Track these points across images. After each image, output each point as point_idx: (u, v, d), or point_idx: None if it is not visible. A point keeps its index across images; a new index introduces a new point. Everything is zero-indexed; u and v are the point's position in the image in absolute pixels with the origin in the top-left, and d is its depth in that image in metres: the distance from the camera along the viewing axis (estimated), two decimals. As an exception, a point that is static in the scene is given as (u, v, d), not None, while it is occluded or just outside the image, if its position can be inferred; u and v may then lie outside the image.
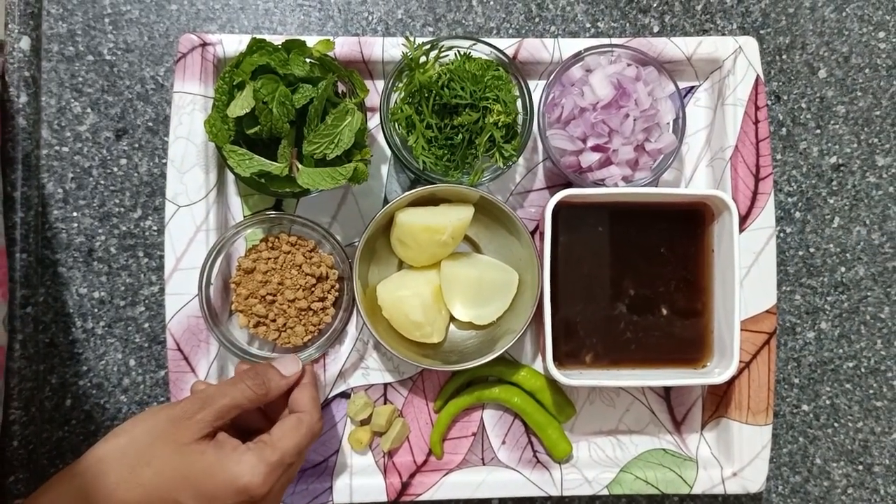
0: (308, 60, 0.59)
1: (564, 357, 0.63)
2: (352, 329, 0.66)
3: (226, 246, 0.62)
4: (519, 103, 0.62)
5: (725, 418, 0.66)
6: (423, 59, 0.60)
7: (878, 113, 0.71)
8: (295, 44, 0.58)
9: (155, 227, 0.67)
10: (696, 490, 0.64)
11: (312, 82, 0.58)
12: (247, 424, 0.56)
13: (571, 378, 0.60)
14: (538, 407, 0.65)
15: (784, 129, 0.71)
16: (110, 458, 0.48)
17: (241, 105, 0.56)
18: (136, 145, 0.67)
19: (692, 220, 0.64)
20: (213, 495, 0.47)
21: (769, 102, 0.70)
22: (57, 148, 0.66)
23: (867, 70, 0.71)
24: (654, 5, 0.70)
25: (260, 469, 0.48)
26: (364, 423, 0.66)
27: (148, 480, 0.47)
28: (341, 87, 0.62)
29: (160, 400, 0.66)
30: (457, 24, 0.69)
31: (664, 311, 0.64)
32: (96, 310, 0.66)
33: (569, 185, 0.64)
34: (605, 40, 0.66)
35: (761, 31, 0.71)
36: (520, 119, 0.62)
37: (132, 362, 0.66)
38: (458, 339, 0.66)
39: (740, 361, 0.62)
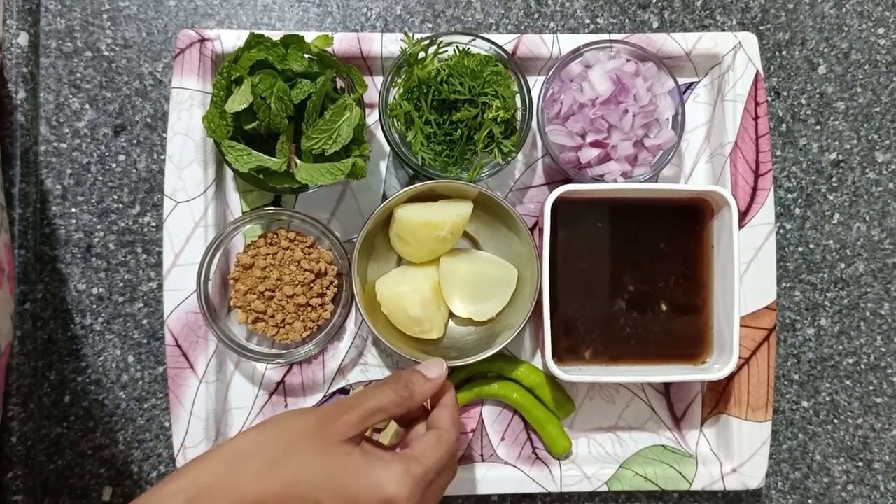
0: (306, 56, 0.59)
1: (564, 353, 0.63)
2: (350, 325, 0.66)
3: (224, 242, 0.62)
4: (518, 99, 0.62)
5: (725, 414, 0.66)
6: (421, 54, 0.60)
7: (877, 109, 0.71)
8: (293, 39, 0.58)
9: (153, 224, 0.66)
10: (696, 486, 0.64)
11: (311, 78, 0.58)
12: None
13: (571, 374, 0.60)
14: (537, 403, 0.65)
15: (784, 126, 0.70)
16: (252, 449, 0.47)
17: (239, 100, 0.56)
18: (135, 141, 0.67)
19: (692, 216, 0.64)
20: (355, 500, 0.46)
21: (769, 98, 0.70)
22: (55, 144, 0.66)
23: (867, 66, 0.71)
24: (654, 1, 0.70)
25: (406, 481, 0.46)
26: (363, 419, 0.66)
27: (290, 475, 0.45)
28: (340, 83, 0.62)
29: (159, 396, 0.66)
30: (456, 20, 0.69)
31: (664, 308, 0.64)
32: (95, 306, 0.66)
33: (568, 180, 0.64)
34: (605, 36, 0.65)
35: (761, 27, 0.71)
36: (519, 115, 0.62)
37: (131, 358, 0.66)
38: (457, 336, 0.66)
39: (740, 358, 0.62)
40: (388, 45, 0.64)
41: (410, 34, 0.60)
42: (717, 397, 0.67)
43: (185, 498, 0.43)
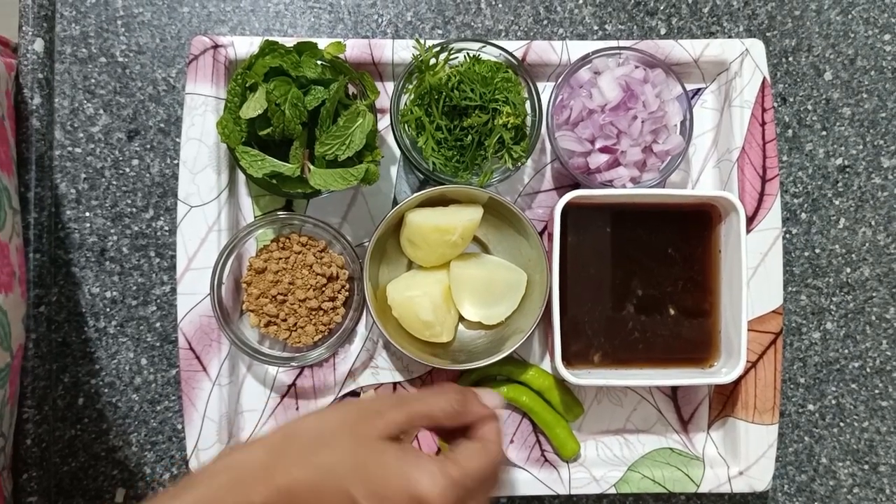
0: (319, 63, 0.59)
1: (573, 357, 0.63)
2: (361, 328, 0.67)
3: (237, 246, 0.63)
4: (528, 105, 0.62)
5: (732, 417, 0.66)
6: (433, 61, 0.61)
7: (883, 115, 0.71)
8: (307, 46, 0.59)
9: (166, 228, 0.67)
10: (703, 489, 0.65)
11: (324, 84, 0.59)
12: None
13: (579, 377, 0.61)
14: (546, 406, 0.66)
15: (790, 131, 0.71)
16: (296, 435, 0.47)
17: (253, 107, 0.57)
18: (148, 146, 0.67)
19: (699, 221, 0.64)
20: (385, 495, 0.44)
21: (775, 104, 0.71)
22: (70, 149, 0.67)
23: (873, 72, 0.72)
24: (662, 8, 0.71)
25: (440, 481, 0.44)
26: (373, 421, 0.66)
27: (323, 463, 0.45)
28: (352, 89, 0.63)
29: (172, 399, 0.67)
30: (466, 27, 0.70)
31: (671, 312, 0.64)
32: (108, 309, 0.66)
33: (577, 186, 0.65)
34: (613, 43, 0.66)
35: (767, 34, 0.71)
36: (528, 121, 0.63)
37: (144, 361, 0.67)
38: (466, 339, 0.66)
39: (747, 361, 0.62)
40: (399, 51, 0.65)
41: (422, 41, 0.61)
42: (724, 400, 0.67)
43: (225, 480, 0.44)
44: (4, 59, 0.64)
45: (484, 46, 0.62)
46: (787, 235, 0.71)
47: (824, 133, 0.71)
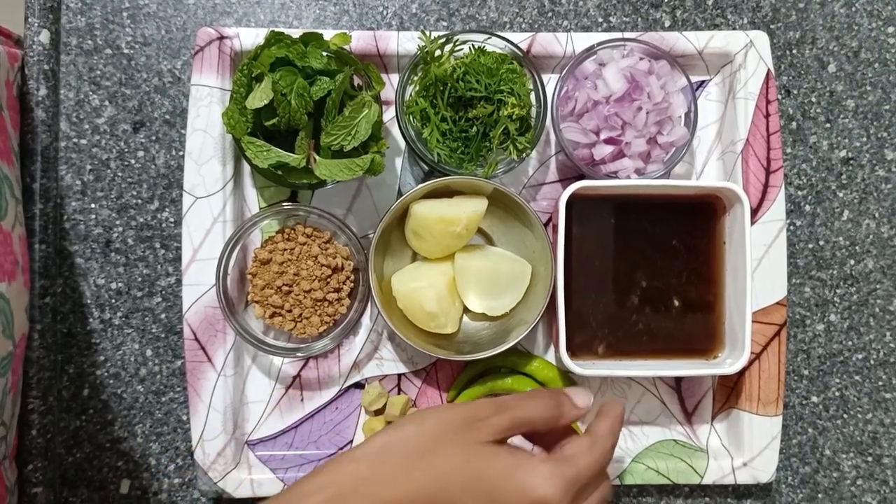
0: (325, 54, 0.59)
1: (577, 348, 0.64)
2: (366, 320, 0.67)
3: (242, 237, 0.63)
4: (533, 97, 0.62)
5: (736, 409, 0.66)
6: (438, 52, 0.61)
7: (887, 107, 0.72)
8: (312, 37, 0.59)
9: (172, 219, 0.67)
10: (707, 480, 0.65)
11: (329, 75, 0.59)
12: None
13: (584, 368, 0.61)
14: (550, 397, 0.66)
15: (794, 123, 0.71)
16: (399, 447, 0.45)
17: (259, 97, 0.57)
18: (154, 138, 0.68)
19: (704, 212, 0.64)
20: (501, 502, 0.43)
21: (779, 97, 0.71)
22: (75, 140, 0.67)
23: (876, 65, 0.72)
24: (666, 0, 0.71)
25: (556, 483, 0.43)
26: (378, 413, 0.66)
27: (436, 475, 0.44)
28: (357, 81, 0.63)
29: (177, 390, 0.67)
30: (470, 19, 0.70)
31: (676, 303, 0.65)
32: (114, 300, 0.67)
33: (581, 177, 0.65)
34: (618, 34, 0.66)
35: (771, 26, 0.71)
36: (533, 112, 0.63)
37: (149, 352, 0.67)
38: (471, 330, 0.66)
39: (750, 353, 0.62)
40: (404, 43, 0.65)
41: (427, 32, 0.61)
42: (728, 392, 0.67)
43: (324, 498, 0.43)
44: (7, 49, 0.64)
45: (489, 38, 0.62)
46: (791, 227, 0.71)
47: (828, 125, 0.71)
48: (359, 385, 0.67)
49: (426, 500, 0.43)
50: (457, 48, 0.62)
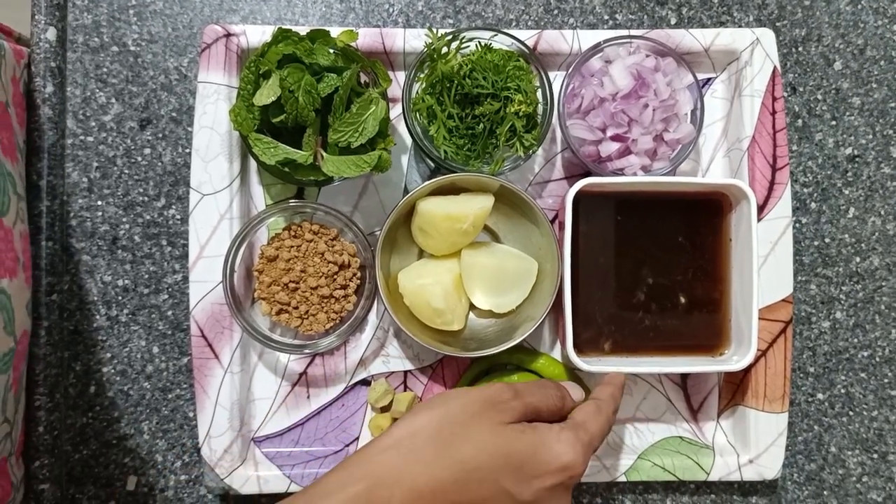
0: (332, 51, 0.59)
1: (583, 345, 0.64)
2: (372, 317, 0.67)
3: (249, 234, 0.63)
4: (539, 94, 0.62)
5: (742, 406, 0.66)
6: (444, 49, 0.61)
7: (892, 105, 0.72)
8: (319, 34, 0.59)
9: (178, 216, 0.67)
10: (713, 477, 0.65)
11: (337, 72, 0.59)
12: None
13: (591, 365, 0.61)
14: (557, 394, 0.66)
15: (800, 121, 0.71)
16: (425, 433, 0.46)
17: (267, 94, 0.57)
18: (160, 135, 0.68)
19: (710, 209, 0.65)
20: (534, 475, 0.46)
21: (785, 94, 0.71)
22: (82, 137, 0.67)
23: (882, 62, 0.72)
24: (672, -2, 0.71)
25: (578, 448, 0.47)
26: (384, 410, 0.67)
27: (467, 458, 0.45)
28: (363, 78, 0.63)
29: (183, 387, 0.67)
30: (476, 16, 0.70)
31: (682, 300, 0.65)
32: (120, 297, 0.67)
33: (587, 175, 0.65)
34: (625, 32, 0.66)
35: (777, 24, 0.71)
36: (540, 109, 0.63)
37: (155, 349, 0.67)
38: (477, 327, 0.66)
39: (757, 350, 0.62)
40: (411, 40, 0.65)
41: (434, 30, 0.61)
42: (734, 389, 0.67)
43: (357, 491, 0.43)
44: (13, 46, 0.64)
45: (495, 35, 0.62)
46: (797, 225, 0.71)
47: (834, 123, 0.71)
48: (365, 382, 0.67)
49: (459, 483, 0.45)
50: (463, 45, 0.62)
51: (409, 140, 0.67)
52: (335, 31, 0.60)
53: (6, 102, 0.60)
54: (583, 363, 0.60)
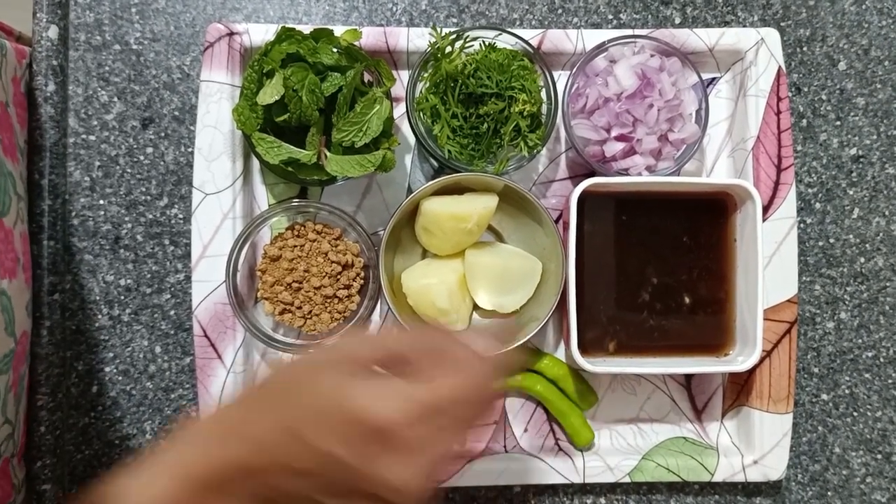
0: (336, 50, 0.59)
1: (588, 345, 0.63)
2: (376, 317, 0.67)
3: (252, 234, 0.63)
4: (543, 93, 0.62)
5: (746, 406, 0.66)
6: (448, 48, 0.61)
7: (897, 105, 0.72)
8: (323, 33, 0.59)
9: (181, 216, 0.67)
10: (717, 478, 0.65)
11: (340, 71, 0.59)
12: None
13: (595, 365, 0.60)
14: (560, 395, 0.66)
15: (804, 121, 0.71)
16: (269, 386, 0.44)
17: (270, 93, 0.57)
18: (163, 134, 0.67)
19: (715, 209, 0.64)
20: (330, 426, 0.38)
21: (789, 94, 0.71)
22: (84, 136, 0.67)
23: (886, 62, 0.72)
24: (676, -3, 0.71)
25: (399, 403, 0.38)
26: (388, 410, 0.66)
27: (292, 407, 0.40)
28: (367, 77, 0.63)
29: (186, 387, 0.66)
30: (480, 16, 0.70)
31: (686, 300, 0.64)
32: (122, 297, 0.66)
33: (591, 175, 0.65)
34: (629, 31, 0.66)
35: (782, 24, 0.71)
36: (544, 109, 0.63)
37: (158, 349, 0.67)
38: (481, 328, 0.66)
39: (761, 350, 0.62)
40: (414, 39, 0.65)
41: (438, 29, 0.61)
42: (739, 389, 0.67)
43: (208, 434, 0.42)
44: (15, 46, 0.63)
45: (500, 34, 0.62)
46: (802, 225, 0.70)
47: (838, 123, 0.71)
48: (368, 382, 0.67)
49: (280, 434, 0.39)
50: (467, 45, 0.61)
51: (412, 139, 0.66)
52: (339, 30, 0.60)
53: (6, 102, 0.60)
54: (587, 364, 0.60)
